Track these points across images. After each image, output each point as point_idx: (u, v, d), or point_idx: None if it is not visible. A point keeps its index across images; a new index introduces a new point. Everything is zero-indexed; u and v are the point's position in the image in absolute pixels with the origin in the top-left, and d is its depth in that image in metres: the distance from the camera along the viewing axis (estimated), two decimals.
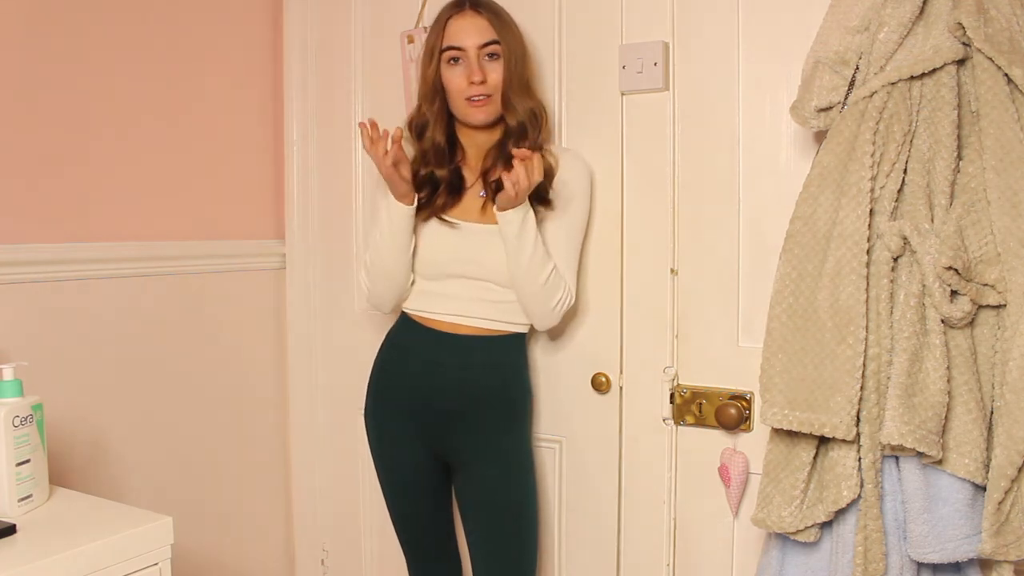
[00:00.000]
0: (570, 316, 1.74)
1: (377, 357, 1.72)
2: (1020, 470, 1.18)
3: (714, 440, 1.60)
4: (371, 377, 1.72)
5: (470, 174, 1.65)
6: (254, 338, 2.14)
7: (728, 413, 1.55)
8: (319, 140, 2.12)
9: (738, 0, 1.54)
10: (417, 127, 1.64)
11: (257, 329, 2.15)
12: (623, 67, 1.64)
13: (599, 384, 1.72)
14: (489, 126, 1.62)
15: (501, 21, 1.58)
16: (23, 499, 1.31)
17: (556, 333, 1.76)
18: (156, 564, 1.27)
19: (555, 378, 1.78)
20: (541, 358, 1.80)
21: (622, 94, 1.66)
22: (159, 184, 1.90)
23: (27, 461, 1.32)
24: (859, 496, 1.25)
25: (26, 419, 1.32)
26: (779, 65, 1.50)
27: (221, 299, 2.04)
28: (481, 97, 1.56)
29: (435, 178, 1.62)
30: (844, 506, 1.26)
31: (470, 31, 1.56)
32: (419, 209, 1.60)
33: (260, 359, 2.16)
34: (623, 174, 1.68)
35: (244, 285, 2.10)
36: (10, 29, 1.63)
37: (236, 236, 2.09)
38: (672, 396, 1.64)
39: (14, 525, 1.23)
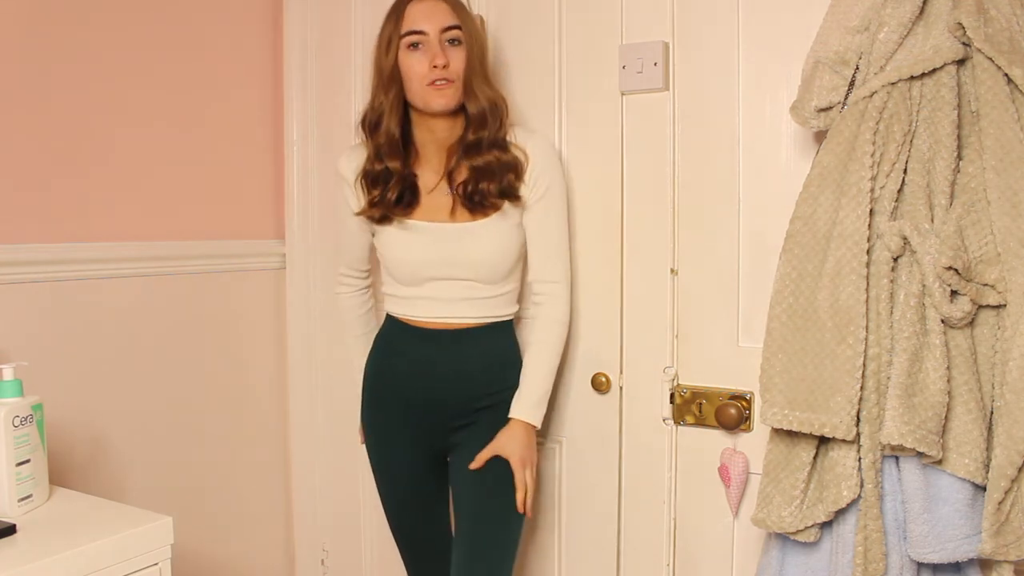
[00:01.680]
0: (570, 315, 1.74)
1: (368, 360, 1.71)
2: (1020, 470, 1.18)
3: (714, 440, 1.60)
4: (365, 381, 1.71)
5: (431, 173, 1.61)
6: (254, 338, 2.14)
7: (728, 413, 1.55)
8: (319, 140, 2.12)
9: (738, 0, 1.54)
10: (371, 122, 1.58)
11: (257, 329, 2.15)
12: (623, 67, 1.64)
13: (599, 384, 1.72)
14: (448, 117, 1.57)
15: (461, 7, 1.56)
16: (23, 499, 1.31)
17: None
18: (156, 564, 1.28)
19: (555, 378, 1.78)
20: None
21: (622, 94, 1.66)
22: (159, 184, 1.90)
23: (27, 461, 1.32)
24: (859, 496, 1.25)
25: (26, 419, 1.32)
26: (779, 65, 1.50)
27: (221, 299, 2.04)
28: (443, 81, 1.51)
29: (389, 173, 1.58)
30: (844, 506, 1.26)
31: (431, 15, 1.52)
32: (372, 208, 1.59)
33: (260, 359, 2.16)
34: (623, 174, 1.68)
35: (244, 285, 2.10)
36: (10, 30, 1.63)
37: (236, 236, 2.09)
38: (672, 396, 1.64)
39: (14, 525, 1.23)
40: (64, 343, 1.72)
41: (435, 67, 1.51)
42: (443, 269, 1.58)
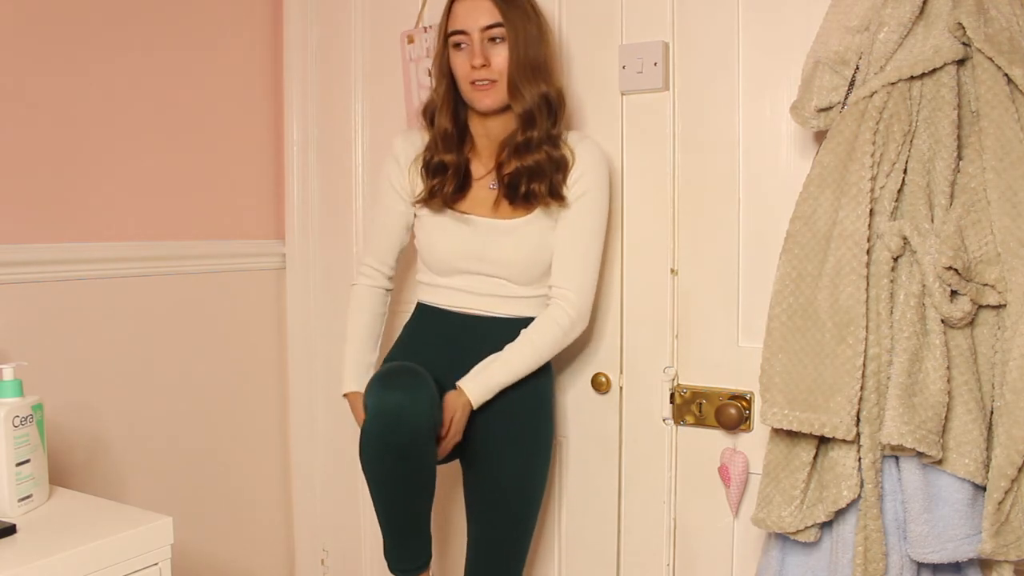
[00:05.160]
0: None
1: (395, 344, 1.68)
2: (1020, 470, 1.18)
3: (714, 440, 1.60)
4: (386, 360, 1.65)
5: (480, 166, 1.60)
6: (254, 338, 2.14)
7: (728, 413, 1.55)
8: (319, 140, 2.12)
9: (738, 0, 1.54)
10: (429, 113, 1.60)
11: (257, 329, 2.15)
12: (623, 67, 1.64)
13: (599, 384, 1.72)
14: (500, 112, 1.55)
15: (508, 3, 1.52)
16: (23, 499, 1.31)
17: None
18: (156, 564, 1.28)
19: (555, 378, 1.78)
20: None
21: (622, 94, 1.66)
22: (159, 184, 1.90)
23: (27, 461, 1.32)
24: (859, 496, 1.25)
25: (26, 419, 1.32)
26: (779, 65, 1.50)
27: (221, 299, 2.04)
28: (485, 82, 1.51)
29: (445, 166, 1.58)
30: (844, 506, 1.26)
31: (473, 13, 1.51)
32: (432, 198, 1.58)
33: (260, 359, 2.16)
34: (623, 174, 1.68)
35: (244, 285, 2.10)
36: (10, 29, 1.63)
37: (236, 236, 2.09)
38: (672, 396, 1.64)
39: (14, 525, 1.24)
40: (64, 343, 1.72)
41: (474, 67, 1.51)
42: (474, 263, 1.56)
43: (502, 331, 1.57)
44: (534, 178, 1.52)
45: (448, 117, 1.58)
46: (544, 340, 1.55)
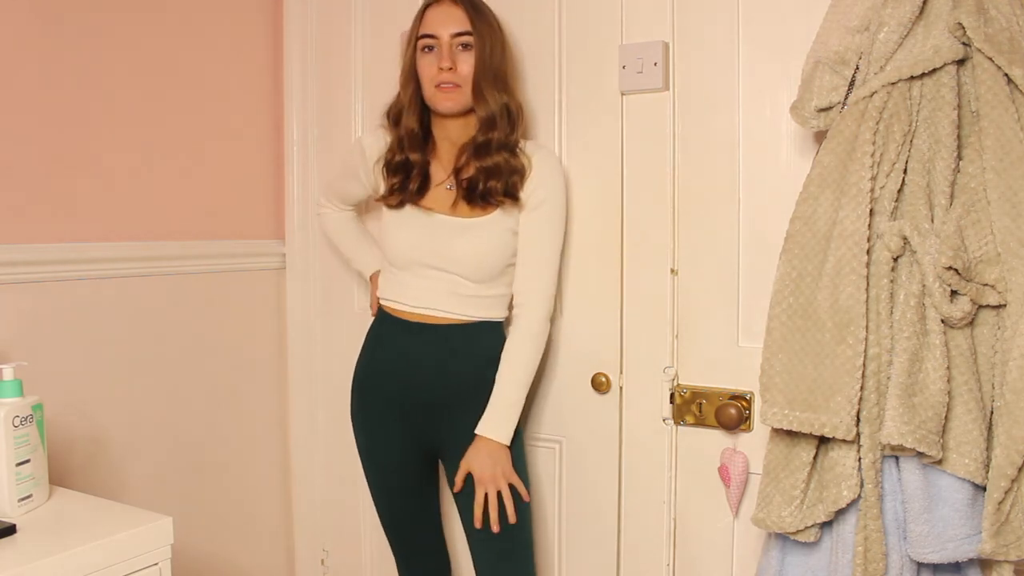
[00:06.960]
0: (570, 316, 1.74)
1: (359, 354, 1.74)
2: (1020, 470, 1.18)
3: (714, 440, 1.60)
4: (354, 374, 1.73)
5: (440, 169, 1.66)
6: (254, 338, 2.14)
7: (728, 413, 1.55)
8: (319, 140, 2.12)
9: (738, 0, 1.54)
10: (394, 114, 1.67)
11: (257, 329, 2.15)
12: (623, 67, 1.64)
13: (599, 384, 1.72)
14: (461, 117, 1.62)
15: (478, 13, 1.60)
16: (23, 499, 1.31)
17: (555, 333, 1.76)
18: (156, 564, 1.28)
19: (555, 378, 1.78)
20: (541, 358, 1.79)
21: (622, 94, 1.66)
22: (159, 184, 1.90)
23: (27, 461, 1.32)
24: (859, 496, 1.25)
25: (26, 419, 1.32)
26: (779, 65, 1.50)
27: (221, 299, 2.04)
28: (449, 84, 1.58)
29: (409, 164, 1.64)
30: (844, 506, 1.26)
31: (445, 20, 1.58)
32: (391, 195, 1.65)
33: (260, 359, 2.16)
34: (623, 174, 1.68)
35: (244, 285, 2.10)
36: (11, 30, 1.63)
37: (236, 236, 2.09)
38: (672, 396, 1.64)
39: (14, 525, 1.24)
40: (64, 343, 1.72)
41: (441, 69, 1.57)
42: (431, 258, 1.61)
43: (459, 337, 1.62)
44: (491, 177, 1.59)
45: (415, 118, 1.64)
46: (527, 354, 1.61)
